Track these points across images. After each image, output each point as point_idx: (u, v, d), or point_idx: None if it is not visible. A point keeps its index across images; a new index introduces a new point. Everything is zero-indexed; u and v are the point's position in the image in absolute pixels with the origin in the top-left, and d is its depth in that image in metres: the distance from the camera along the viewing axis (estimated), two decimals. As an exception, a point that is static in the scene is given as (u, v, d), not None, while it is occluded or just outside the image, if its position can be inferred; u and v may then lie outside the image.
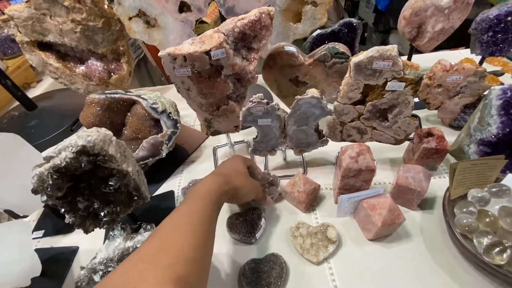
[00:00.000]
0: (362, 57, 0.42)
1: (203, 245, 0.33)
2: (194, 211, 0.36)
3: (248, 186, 0.48)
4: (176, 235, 0.32)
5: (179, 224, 0.34)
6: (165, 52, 0.45)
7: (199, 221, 0.35)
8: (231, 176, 0.45)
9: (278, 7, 0.60)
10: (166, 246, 0.30)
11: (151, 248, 0.30)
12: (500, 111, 0.49)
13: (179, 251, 0.30)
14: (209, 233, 0.36)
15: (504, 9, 0.64)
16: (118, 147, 0.44)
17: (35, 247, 0.57)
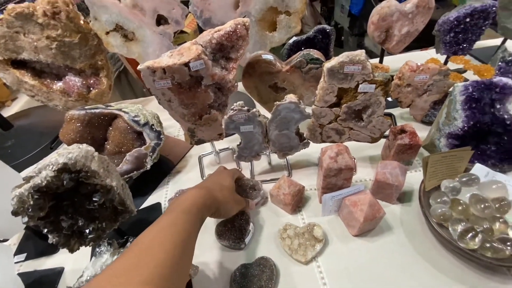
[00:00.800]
0: (334, 63, 0.44)
1: (181, 262, 0.32)
2: (174, 224, 0.35)
3: (232, 201, 0.47)
4: (154, 250, 0.31)
5: (158, 238, 0.33)
6: (144, 65, 0.46)
7: (179, 236, 0.33)
8: (215, 190, 0.45)
9: (254, 17, 0.62)
10: (143, 261, 0.29)
11: (128, 262, 0.29)
12: (464, 106, 0.53)
13: (155, 267, 0.29)
14: (188, 249, 0.35)
15: (462, 11, 0.69)
16: (100, 162, 0.44)
17: (18, 271, 0.55)
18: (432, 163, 0.49)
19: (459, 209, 0.48)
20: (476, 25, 0.70)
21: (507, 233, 0.45)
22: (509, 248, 0.43)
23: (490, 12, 0.69)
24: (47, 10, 0.62)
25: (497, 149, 0.56)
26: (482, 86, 0.53)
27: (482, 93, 0.53)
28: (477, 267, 0.45)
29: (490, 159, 0.56)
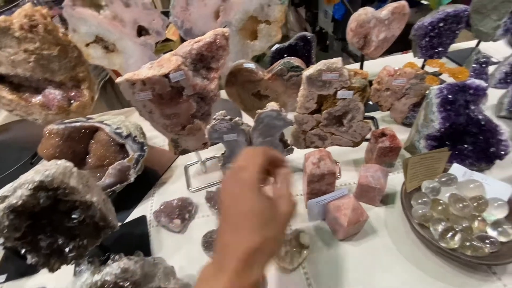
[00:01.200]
0: (312, 71, 0.45)
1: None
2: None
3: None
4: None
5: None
6: (122, 78, 0.45)
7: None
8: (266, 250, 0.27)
9: (235, 27, 0.63)
10: None
11: None
12: (440, 108, 0.55)
13: None
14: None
15: (436, 17, 0.72)
16: (80, 178, 0.43)
17: (-3, 294, 0.53)
18: (411, 165, 0.50)
19: (439, 209, 0.49)
20: (450, 29, 0.73)
21: (485, 231, 0.46)
22: (488, 246, 0.44)
23: (463, 16, 0.72)
24: (24, 23, 0.61)
25: (474, 148, 0.58)
26: (456, 88, 0.55)
27: (456, 95, 0.55)
28: (459, 266, 0.46)
29: (468, 158, 0.58)
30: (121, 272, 0.36)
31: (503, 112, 0.71)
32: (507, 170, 0.59)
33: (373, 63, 0.97)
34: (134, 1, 0.59)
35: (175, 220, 0.56)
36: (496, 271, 0.45)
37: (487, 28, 0.81)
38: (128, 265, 0.36)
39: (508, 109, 0.70)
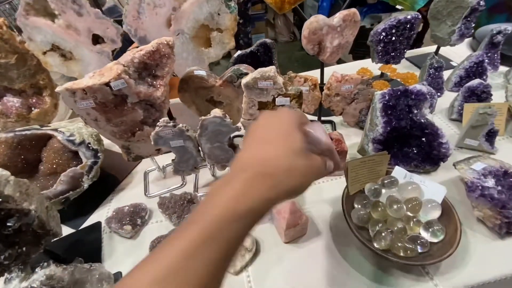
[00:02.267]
0: (248, 79, 0.47)
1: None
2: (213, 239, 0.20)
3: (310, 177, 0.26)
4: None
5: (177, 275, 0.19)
6: (62, 87, 0.46)
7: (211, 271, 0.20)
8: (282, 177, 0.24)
9: (188, 34, 0.64)
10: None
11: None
12: (382, 113, 0.57)
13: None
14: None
15: (388, 23, 0.74)
16: (17, 186, 0.43)
17: None
18: (352, 168, 0.52)
19: (379, 211, 0.50)
20: (403, 36, 0.75)
21: (419, 232, 0.48)
22: (419, 246, 0.46)
23: (414, 23, 0.75)
24: (-23, 32, 0.61)
25: (419, 151, 0.60)
26: (398, 93, 0.57)
27: (398, 100, 0.57)
28: (394, 267, 0.47)
29: (413, 160, 0.60)
30: (46, 278, 0.36)
31: (454, 115, 0.73)
32: (452, 172, 0.60)
33: (344, 67, 1.00)
34: (86, 10, 0.60)
35: (126, 226, 0.57)
36: (429, 271, 0.46)
37: (443, 33, 0.84)
38: (54, 272, 0.37)
39: (458, 111, 0.72)
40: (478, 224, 0.51)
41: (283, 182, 0.24)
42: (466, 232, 0.50)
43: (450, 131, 0.72)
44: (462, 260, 0.47)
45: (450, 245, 0.43)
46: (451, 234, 0.45)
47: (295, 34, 3.06)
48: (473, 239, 0.49)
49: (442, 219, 0.48)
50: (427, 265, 0.45)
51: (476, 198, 0.49)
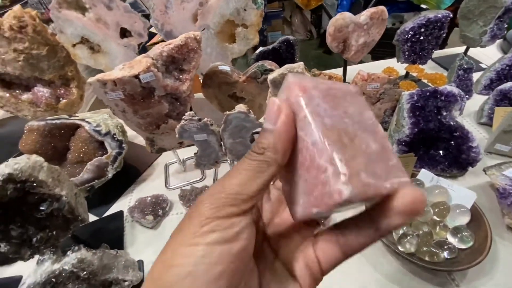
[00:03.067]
0: (275, 74, 0.46)
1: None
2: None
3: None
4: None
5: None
6: (94, 78, 0.47)
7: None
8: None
9: (213, 30, 0.65)
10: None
11: None
12: (409, 114, 0.55)
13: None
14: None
15: (417, 22, 0.72)
16: (50, 172, 0.45)
17: (-24, 281, 0.55)
18: (376, 169, 0.51)
19: (403, 214, 0.49)
20: (432, 35, 0.73)
21: (446, 237, 0.47)
22: (447, 252, 0.44)
23: (444, 22, 0.72)
24: (13, 24, 0.64)
25: (446, 154, 0.58)
26: (427, 94, 0.55)
27: (427, 101, 0.55)
28: (418, 271, 0.46)
29: (440, 164, 0.58)
30: (77, 262, 0.38)
31: (483, 119, 0.70)
32: (481, 177, 0.58)
33: (370, 66, 0.98)
34: (116, 4, 0.61)
35: (148, 216, 0.58)
36: (454, 278, 0.45)
37: (474, 33, 0.81)
38: (85, 256, 0.38)
39: (488, 115, 0.69)
40: (508, 232, 0.49)
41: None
42: (495, 240, 0.48)
43: (479, 135, 0.69)
44: (490, 268, 0.45)
45: (480, 252, 0.42)
46: (480, 241, 0.44)
47: (311, 33, 3.02)
48: (503, 247, 0.47)
49: (471, 225, 0.47)
50: (455, 271, 0.44)
51: (508, 205, 0.47)
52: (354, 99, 0.17)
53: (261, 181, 0.16)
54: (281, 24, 2.92)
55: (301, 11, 2.87)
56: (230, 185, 0.16)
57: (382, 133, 0.16)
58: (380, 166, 0.15)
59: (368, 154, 0.15)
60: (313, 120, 0.15)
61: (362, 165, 0.14)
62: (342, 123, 0.15)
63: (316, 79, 0.17)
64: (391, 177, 0.14)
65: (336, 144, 0.14)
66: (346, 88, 0.17)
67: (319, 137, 0.14)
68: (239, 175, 0.16)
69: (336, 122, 0.15)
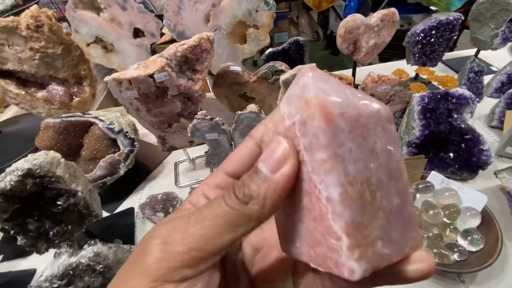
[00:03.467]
0: (287, 75, 0.47)
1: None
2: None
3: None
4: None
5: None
6: (110, 77, 0.49)
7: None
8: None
9: (224, 30, 0.65)
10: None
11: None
12: (420, 116, 0.55)
13: None
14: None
15: (428, 24, 0.72)
16: (67, 168, 0.46)
17: (-7, 273, 0.57)
18: (386, 170, 0.51)
19: (412, 216, 0.49)
20: (443, 37, 0.73)
21: (456, 240, 0.47)
22: (457, 254, 0.44)
23: (456, 24, 0.72)
24: (30, 24, 0.66)
25: (456, 157, 0.58)
26: (438, 96, 0.55)
27: (438, 103, 0.55)
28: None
29: (450, 167, 0.58)
30: (94, 255, 0.39)
31: (494, 122, 0.70)
32: (492, 181, 0.58)
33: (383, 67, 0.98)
34: (130, 4, 0.63)
35: (158, 213, 0.59)
36: (464, 280, 0.45)
37: (485, 36, 0.80)
38: (101, 250, 0.39)
39: (499, 119, 0.69)
40: (519, 236, 0.49)
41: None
42: (506, 244, 0.48)
43: (489, 139, 0.69)
44: (500, 271, 0.45)
45: (490, 255, 0.42)
46: (491, 244, 0.44)
47: (318, 33, 3.02)
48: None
49: (481, 228, 0.47)
50: (465, 273, 0.44)
51: (520, 209, 0.47)
52: (384, 130, 0.13)
53: (233, 237, 0.13)
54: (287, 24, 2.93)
55: (308, 12, 2.87)
56: (193, 235, 0.12)
57: (406, 180, 0.14)
58: (398, 228, 0.13)
59: (388, 213, 0.13)
60: (334, 168, 0.12)
61: (379, 231, 0.12)
62: (367, 170, 0.12)
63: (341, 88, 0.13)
64: (405, 242, 0.13)
65: (356, 204, 0.12)
66: (378, 113, 0.13)
67: (338, 196, 0.12)
68: (209, 223, 0.12)
69: (361, 169, 0.12)
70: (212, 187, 0.16)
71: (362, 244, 0.12)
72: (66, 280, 0.38)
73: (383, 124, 0.13)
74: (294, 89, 0.13)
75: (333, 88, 0.13)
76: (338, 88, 0.13)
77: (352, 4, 2.30)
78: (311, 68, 0.14)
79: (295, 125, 0.13)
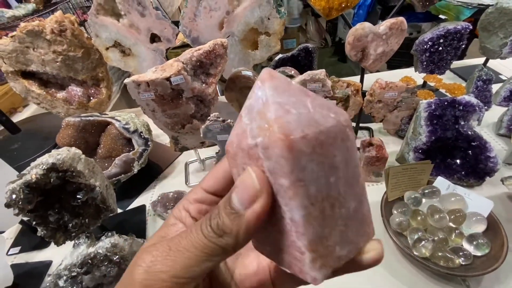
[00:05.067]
0: (298, 80, 0.49)
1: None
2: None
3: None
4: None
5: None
6: (129, 79, 0.51)
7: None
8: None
9: (237, 37, 0.68)
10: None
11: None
12: (427, 122, 0.56)
13: None
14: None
15: (436, 33, 0.73)
16: (86, 164, 0.49)
17: (12, 263, 0.60)
18: (393, 174, 0.52)
19: (418, 219, 0.50)
20: (451, 46, 0.74)
21: (461, 244, 0.47)
22: (462, 258, 0.45)
23: (464, 34, 0.73)
24: (54, 28, 0.70)
25: (463, 163, 0.59)
26: (445, 103, 0.56)
27: (445, 110, 0.56)
28: (432, 276, 0.47)
29: (456, 173, 0.59)
30: (111, 246, 0.41)
31: (502, 130, 0.70)
32: (498, 188, 0.58)
33: (388, 75, 0.99)
34: (149, 11, 0.66)
35: (170, 210, 0.61)
36: (469, 284, 0.45)
37: (494, 45, 0.81)
38: (118, 241, 0.41)
39: (507, 127, 0.69)
40: (526, 243, 0.49)
41: None
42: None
43: (497, 147, 0.69)
44: (505, 277, 0.45)
45: (495, 259, 0.43)
46: (496, 249, 0.44)
47: (326, 40, 3.05)
48: (520, 258, 0.47)
49: (487, 233, 0.47)
50: (470, 277, 0.44)
51: (526, 216, 0.47)
52: (343, 141, 0.14)
53: (210, 265, 0.14)
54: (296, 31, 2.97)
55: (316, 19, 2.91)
56: (174, 265, 0.14)
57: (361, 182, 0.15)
58: (354, 228, 0.14)
59: (345, 219, 0.14)
60: (297, 194, 0.12)
61: (338, 238, 0.14)
62: (327, 185, 0.13)
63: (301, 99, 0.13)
64: (360, 238, 0.15)
65: (317, 221, 0.13)
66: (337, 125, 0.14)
67: (301, 218, 0.13)
68: (188, 254, 0.14)
69: (322, 186, 0.13)
70: (192, 202, 0.18)
71: (323, 255, 0.13)
72: (84, 269, 0.40)
73: (343, 134, 0.14)
74: (253, 100, 0.14)
75: (292, 100, 0.13)
76: (298, 99, 0.13)
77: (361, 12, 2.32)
78: (269, 75, 0.13)
79: (258, 147, 0.13)
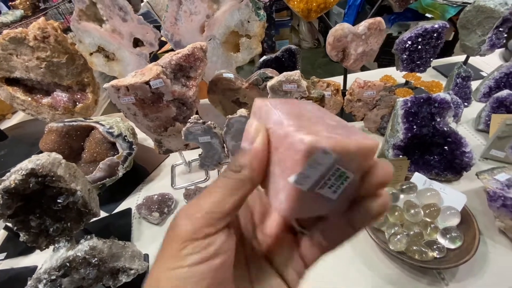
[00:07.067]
0: (274, 81, 0.50)
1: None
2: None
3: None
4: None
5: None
6: (108, 84, 0.52)
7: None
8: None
9: (218, 40, 0.69)
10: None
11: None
12: (403, 119, 0.58)
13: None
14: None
15: (414, 32, 0.75)
16: (67, 168, 0.50)
17: (-4, 269, 0.60)
18: (370, 171, 0.53)
19: (395, 215, 0.51)
20: (429, 44, 0.76)
21: (436, 238, 0.48)
22: (436, 251, 0.46)
23: (442, 32, 0.75)
24: (37, 35, 0.70)
25: (440, 159, 0.60)
26: (420, 101, 0.58)
27: (421, 107, 0.58)
28: (409, 270, 0.48)
29: (434, 168, 0.60)
30: (89, 249, 0.41)
31: (481, 126, 0.72)
32: (475, 182, 0.60)
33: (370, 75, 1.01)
34: (130, 16, 0.67)
35: (154, 213, 0.62)
36: (444, 277, 0.47)
37: (473, 43, 0.83)
38: (96, 244, 0.42)
39: (485, 122, 0.71)
40: (500, 236, 0.51)
41: None
42: (487, 243, 0.50)
43: (476, 142, 0.70)
44: (479, 269, 0.47)
45: (468, 252, 0.44)
46: (469, 242, 0.45)
47: (319, 41, 3.07)
48: (493, 249, 0.49)
49: (461, 227, 0.48)
50: (443, 269, 0.45)
51: (498, 208, 0.48)
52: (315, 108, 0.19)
53: (236, 199, 0.16)
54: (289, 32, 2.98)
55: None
56: (206, 203, 0.16)
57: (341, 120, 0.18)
58: (341, 131, 0.16)
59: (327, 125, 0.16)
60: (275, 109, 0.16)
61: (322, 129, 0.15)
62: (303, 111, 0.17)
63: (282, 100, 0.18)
64: (353, 135, 0.16)
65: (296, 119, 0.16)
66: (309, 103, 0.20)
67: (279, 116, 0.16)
68: (215, 193, 0.17)
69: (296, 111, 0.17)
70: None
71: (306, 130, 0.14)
72: (62, 272, 0.41)
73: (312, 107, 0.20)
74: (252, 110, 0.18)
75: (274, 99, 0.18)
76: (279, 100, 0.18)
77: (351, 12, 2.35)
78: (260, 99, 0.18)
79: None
